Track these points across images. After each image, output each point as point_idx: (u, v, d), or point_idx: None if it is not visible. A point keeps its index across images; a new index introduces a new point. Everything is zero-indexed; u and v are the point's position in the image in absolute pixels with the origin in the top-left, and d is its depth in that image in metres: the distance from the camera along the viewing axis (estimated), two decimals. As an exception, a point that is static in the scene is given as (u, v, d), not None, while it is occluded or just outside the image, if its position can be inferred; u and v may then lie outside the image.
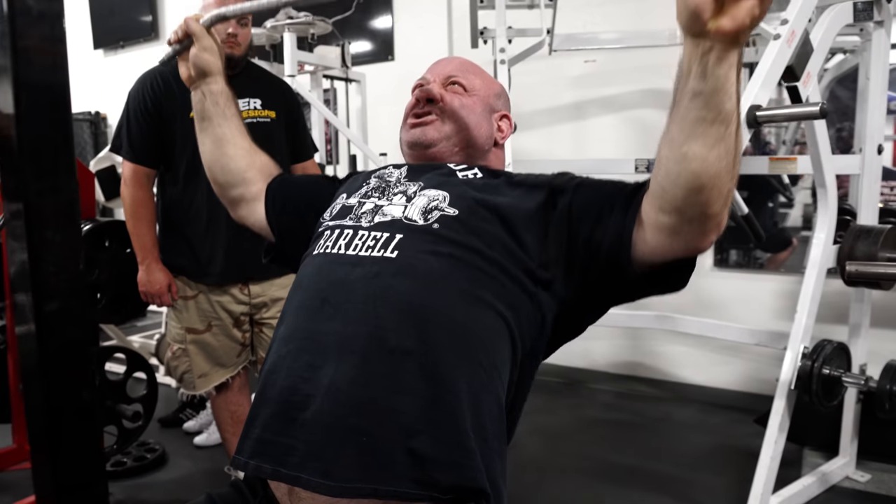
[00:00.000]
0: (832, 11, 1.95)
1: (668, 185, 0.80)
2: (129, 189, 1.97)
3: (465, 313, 0.88)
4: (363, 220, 0.98)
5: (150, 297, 2.01)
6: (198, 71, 1.16)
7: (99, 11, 5.40)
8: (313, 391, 0.84)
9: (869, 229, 2.02)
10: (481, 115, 1.11)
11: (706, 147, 0.75)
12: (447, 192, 0.97)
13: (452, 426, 0.82)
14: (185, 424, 2.81)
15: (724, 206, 0.80)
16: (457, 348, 0.86)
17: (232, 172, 1.19)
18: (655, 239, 0.85)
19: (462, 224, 0.93)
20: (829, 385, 1.94)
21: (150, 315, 4.51)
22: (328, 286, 0.93)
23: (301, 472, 0.81)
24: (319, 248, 1.00)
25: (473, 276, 0.90)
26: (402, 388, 0.83)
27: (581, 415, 2.99)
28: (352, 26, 4.11)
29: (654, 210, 0.83)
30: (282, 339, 0.94)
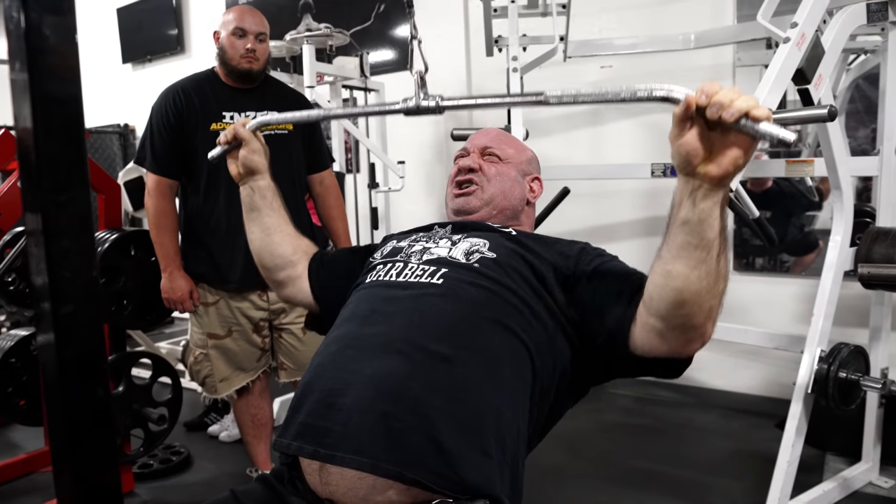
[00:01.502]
0: (844, 13, 1.94)
1: (656, 295, 0.89)
2: (153, 199, 2.05)
3: (496, 338, 0.99)
4: (413, 258, 1.12)
5: (173, 304, 2.08)
6: (246, 170, 1.25)
7: (127, 26, 5.55)
8: (355, 381, 0.94)
9: (887, 231, 2.00)
10: (514, 179, 1.27)
11: (689, 268, 0.84)
12: (487, 240, 1.11)
13: (478, 431, 0.90)
14: (209, 428, 2.88)
15: (706, 320, 0.88)
16: (487, 365, 0.96)
17: (280, 256, 1.29)
18: (644, 337, 0.94)
19: (499, 265, 1.06)
20: (845, 389, 1.93)
21: (178, 322, 4.61)
22: (378, 301, 1.06)
23: (336, 451, 0.90)
24: (371, 278, 1.13)
25: (505, 309, 1.01)
26: (438, 387, 0.92)
27: (601, 420, 2.99)
28: (371, 36, 4.17)
29: (645, 313, 0.93)
30: (331, 341, 1.05)
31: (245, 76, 2.05)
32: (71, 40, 0.62)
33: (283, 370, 2.19)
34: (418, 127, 4.05)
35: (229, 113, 2.03)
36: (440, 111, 1.02)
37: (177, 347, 3.69)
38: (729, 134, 0.77)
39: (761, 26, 2.00)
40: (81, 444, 0.63)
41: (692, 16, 3.09)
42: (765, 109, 0.75)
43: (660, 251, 0.89)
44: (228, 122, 2.02)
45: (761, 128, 0.74)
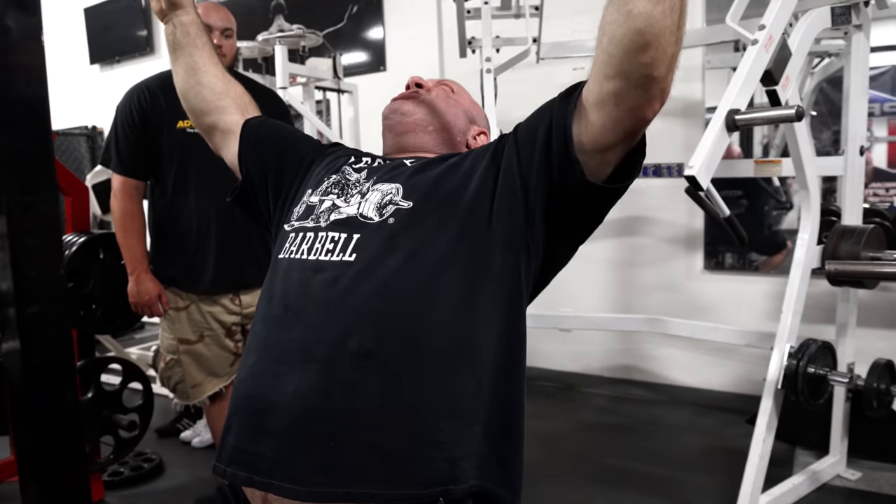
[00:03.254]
0: (810, 16, 1.98)
1: (613, 48, 0.81)
2: (119, 201, 2.01)
3: (426, 307, 0.89)
4: (321, 219, 1.00)
5: (141, 308, 2.04)
6: (168, 2, 1.17)
7: (95, 27, 5.44)
8: (278, 398, 0.87)
9: (852, 229, 2.04)
10: (460, 115, 1.17)
11: (650, 3, 0.78)
12: (400, 184, 1.00)
13: (418, 421, 0.84)
14: (181, 434, 2.83)
15: (668, 69, 0.81)
16: (418, 345, 0.88)
17: (206, 100, 1.20)
18: (600, 113, 0.85)
19: (416, 216, 0.95)
20: (814, 384, 1.97)
21: (149, 328, 4.53)
22: (290, 292, 0.96)
23: (272, 479, 0.84)
24: (284, 253, 1.02)
25: (432, 265, 0.91)
26: (365, 392, 0.85)
27: (576, 419, 3.01)
28: (344, 38, 4.15)
29: (597, 83, 0.85)
30: (249, 350, 0.98)
31: None
32: (37, 40, 0.61)
33: (240, 374, 2.17)
34: (392, 128, 4.03)
35: None
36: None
37: (147, 353, 3.63)
38: None
39: (730, 29, 2.04)
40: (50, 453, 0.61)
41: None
42: None
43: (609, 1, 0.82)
44: None
45: None
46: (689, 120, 3.23)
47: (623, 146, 0.89)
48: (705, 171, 1.65)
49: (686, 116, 3.23)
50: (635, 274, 3.45)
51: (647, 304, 3.38)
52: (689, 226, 3.29)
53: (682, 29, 0.81)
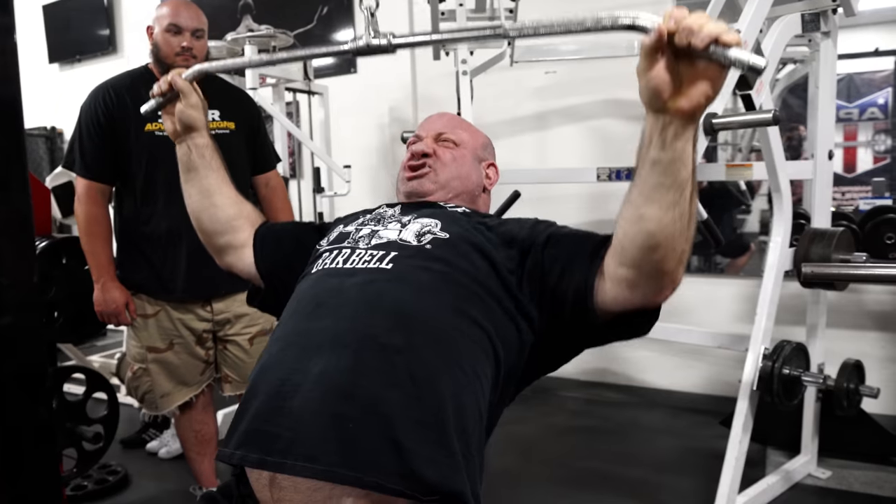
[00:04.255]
0: (782, 22, 2.02)
1: (627, 243, 0.86)
2: (83, 206, 1.93)
3: (451, 323, 0.93)
4: (361, 242, 1.05)
5: (107, 317, 1.96)
6: (184, 126, 1.18)
7: (54, 25, 5.28)
8: (302, 380, 0.87)
9: (823, 232, 2.08)
10: (471, 165, 1.22)
11: (662, 210, 0.82)
12: (439, 220, 1.05)
13: (437, 425, 0.85)
14: (148, 445, 2.75)
15: (678, 264, 0.86)
16: (443, 353, 0.90)
17: (220, 221, 1.21)
18: (615, 290, 0.90)
19: (452, 246, 1.00)
20: (789, 385, 1.99)
21: (111, 334, 4.40)
22: (323, 292, 0.99)
23: (286, 458, 0.83)
24: (317, 267, 1.06)
25: (460, 293, 0.96)
26: (391, 382, 0.86)
27: (551, 422, 3.00)
28: (314, 39, 4.09)
29: (614, 264, 0.90)
30: (275, 340, 0.98)
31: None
32: (9, 38, 0.57)
33: (227, 383, 2.10)
34: (364, 130, 4.00)
35: None
36: (392, 49, 0.94)
37: (111, 361, 3.51)
38: (698, 64, 0.75)
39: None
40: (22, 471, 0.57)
41: (634, 23, 3.16)
42: (735, 34, 0.72)
43: (629, 196, 0.86)
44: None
45: (731, 54, 0.71)
46: (660, 124, 3.26)
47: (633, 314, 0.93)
48: (684, 175, 1.66)
49: (657, 121, 3.26)
50: (608, 277, 3.47)
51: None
52: (660, 229, 3.32)
53: (691, 230, 0.85)
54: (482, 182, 1.24)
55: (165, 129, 1.19)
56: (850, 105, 3.00)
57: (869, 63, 2.98)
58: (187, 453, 2.16)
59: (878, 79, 2.97)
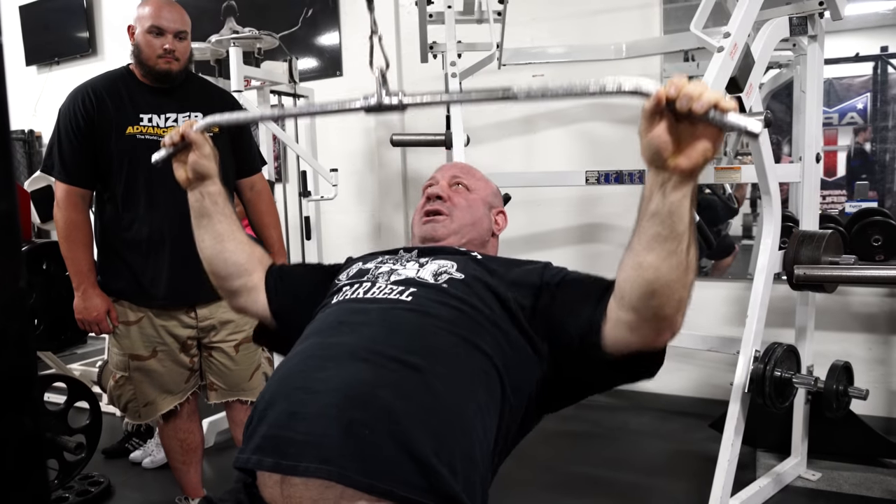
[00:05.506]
0: (770, 25, 2.02)
1: (627, 288, 0.91)
2: (63, 211, 1.87)
3: (465, 354, 0.97)
4: (380, 278, 1.10)
5: (88, 325, 1.91)
6: (196, 175, 1.19)
7: (31, 26, 5.18)
8: (321, 388, 0.90)
9: (811, 234, 2.09)
10: (482, 211, 1.28)
11: (660, 259, 0.86)
12: (455, 262, 1.11)
13: (451, 441, 0.88)
14: (131, 455, 2.69)
15: (676, 310, 0.90)
16: (459, 380, 0.94)
17: (234, 265, 1.24)
18: (616, 332, 0.94)
19: (467, 286, 1.05)
20: (780, 387, 1.99)
21: (91, 342, 4.31)
22: (346, 313, 1.04)
23: (300, 461, 0.85)
24: (338, 297, 1.10)
25: (474, 329, 1.00)
26: (408, 395, 0.89)
27: (540, 427, 2.93)
28: (299, 42, 4.06)
29: (615, 307, 0.94)
30: (295, 354, 1.02)
31: (163, 78, 1.89)
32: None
33: (212, 391, 2.05)
34: (349, 134, 3.97)
35: (147, 115, 1.87)
36: (402, 108, 0.97)
37: (92, 369, 3.44)
38: (697, 126, 0.79)
39: (687, 38, 2.07)
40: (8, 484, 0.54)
41: (621, 27, 3.16)
42: (732, 102, 0.76)
43: (630, 244, 0.90)
44: (146, 126, 1.87)
45: (729, 119, 0.75)
46: (647, 127, 3.26)
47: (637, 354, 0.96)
48: (677, 177, 1.65)
49: (644, 124, 3.27)
50: (596, 281, 3.47)
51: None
52: (648, 232, 3.32)
53: (689, 277, 0.88)
54: (492, 227, 1.30)
55: (177, 177, 1.20)
56: (830, 110, 3.03)
57: (848, 68, 3.02)
58: (172, 463, 2.11)
59: (857, 84, 3.00)
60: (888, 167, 2.94)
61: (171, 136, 1.16)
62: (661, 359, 0.98)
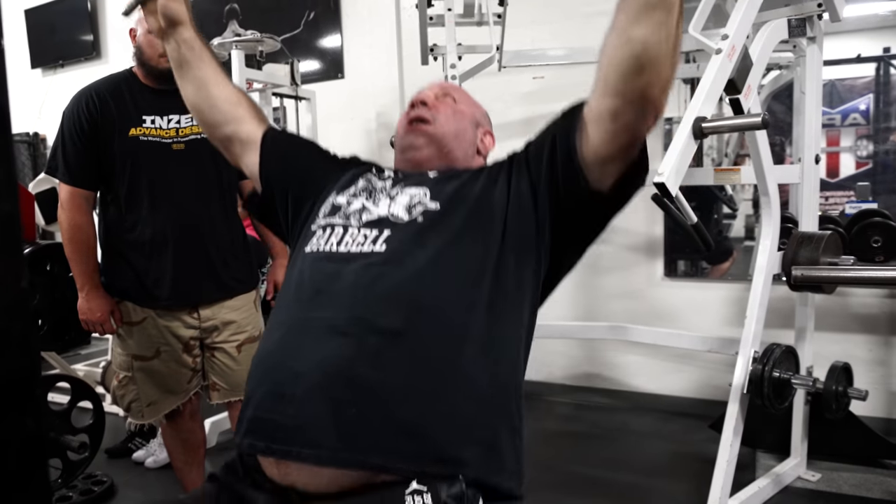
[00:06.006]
0: (769, 27, 2.03)
1: (612, 70, 0.88)
2: (67, 213, 1.89)
3: (450, 296, 0.94)
4: (352, 218, 1.05)
5: (92, 326, 1.93)
6: (168, 20, 1.16)
7: (37, 29, 5.22)
8: (303, 369, 0.89)
9: (810, 235, 2.09)
10: (468, 123, 1.22)
11: (648, 30, 0.84)
12: (428, 188, 1.06)
13: (439, 402, 0.87)
14: (134, 454, 2.71)
15: (662, 91, 0.88)
16: (443, 329, 0.92)
17: (221, 111, 1.21)
18: (598, 128, 0.92)
19: (444, 215, 1.01)
20: (779, 388, 2.00)
21: (95, 342, 4.34)
22: (322, 279, 0.99)
23: (291, 446, 0.86)
24: (312, 246, 1.06)
25: (458, 264, 0.97)
26: (391, 365, 0.88)
27: (540, 427, 2.99)
28: (301, 45, 4.08)
29: (597, 100, 0.92)
30: (277, 325, 1.00)
31: (165, 76, 1.91)
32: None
33: (215, 391, 2.07)
34: (351, 135, 3.99)
35: (150, 117, 1.89)
36: None
37: (95, 369, 3.46)
38: None
39: (688, 39, 2.06)
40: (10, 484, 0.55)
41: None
42: None
43: (614, 24, 0.88)
44: (149, 127, 1.89)
45: None
46: (648, 129, 3.27)
47: (621, 160, 0.95)
48: (674, 178, 1.66)
49: (644, 126, 3.28)
50: (597, 282, 3.48)
51: (608, 311, 3.40)
52: (648, 233, 3.33)
53: (676, 55, 0.87)
54: (476, 144, 1.23)
55: (150, 27, 1.18)
56: (832, 111, 3.04)
57: (851, 69, 3.02)
58: (175, 462, 2.13)
59: (860, 85, 3.00)
60: (890, 168, 2.95)
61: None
62: (645, 168, 0.96)
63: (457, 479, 0.84)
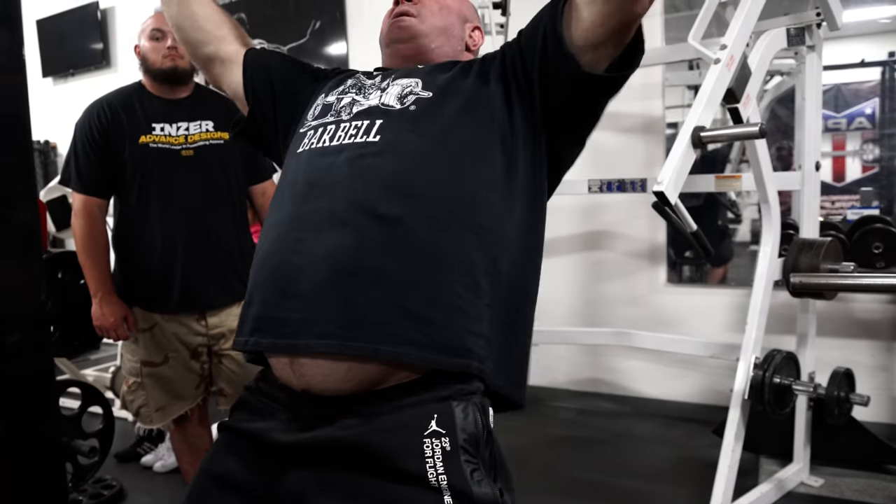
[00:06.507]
0: (767, 37, 2.05)
1: None
2: (80, 221, 1.94)
3: (448, 180, 0.93)
4: (343, 113, 1.02)
5: (105, 331, 1.97)
6: None
7: (48, 39, 5.30)
8: (306, 261, 0.88)
9: (811, 242, 2.11)
10: (455, 18, 1.17)
11: None
12: (419, 78, 1.03)
13: (443, 287, 0.87)
14: (142, 459, 2.74)
15: None
16: (442, 215, 0.91)
17: (203, 29, 1.18)
18: (590, 10, 0.89)
19: (437, 104, 0.98)
20: (780, 393, 2.01)
21: (104, 347, 4.38)
22: (315, 172, 0.97)
23: (298, 339, 0.86)
24: (304, 146, 1.03)
25: (453, 147, 0.95)
26: (394, 252, 0.87)
27: (544, 433, 3.01)
28: (307, 53, 4.13)
29: None
30: (272, 226, 0.97)
31: (170, 75, 1.96)
32: (18, 55, 0.59)
33: (223, 396, 2.10)
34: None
35: (159, 124, 1.94)
36: None
37: (105, 374, 3.50)
38: None
39: (689, 48, 2.09)
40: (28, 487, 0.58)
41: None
42: None
43: None
44: (159, 135, 1.94)
45: None
46: (650, 136, 3.30)
47: (614, 42, 0.92)
48: (673, 187, 1.69)
49: (647, 132, 3.30)
50: (600, 288, 3.50)
51: (612, 317, 3.42)
52: (651, 240, 3.35)
53: None
54: (465, 38, 1.19)
55: None
56: (838, 115, 3.04)
57: (856, 73, 3.02)
58: (182, 466, 2.16)
59: (865, 89, 3.01)
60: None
61: None
62: (641, 45, 0.94)
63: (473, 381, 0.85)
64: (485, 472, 0.84)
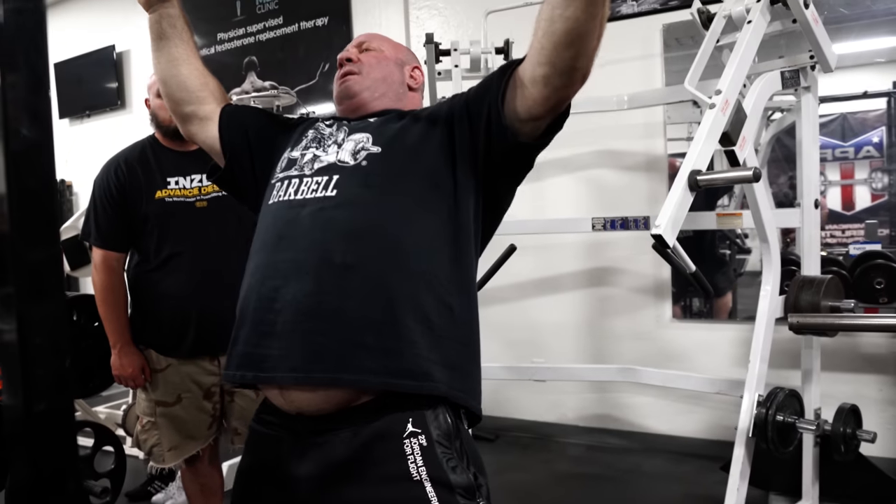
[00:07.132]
0: (762, 80, 2.11)
1: (545, 41, 0.99)
2: (100, 274, 2.02)
3: (395, 231, 1.08)
4: (306, 168, 1.18)
5: (124, 381, 2.05)
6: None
7: (65, 80, 5.45)
8: (280, 307, 1.05)
9: (811, 280, 2.14)
10: (392, 66, 1.32)
11: (578, 10, 0.94)
12: (370, 133, 1.18)
13: (394, 323, 1.02)
14: (153, 498, 2.76)
15: (588, 61, 1.00)
16: (391, 260, 1.06)
17: (187, 90, 1.30)
18: (532, 90, 1.03)
19: (384, 158, 1.14)
20: (783, 431, 2.02)
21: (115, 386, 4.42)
22: (283, 225, 1.13)
23: (275, 373, 1.04)
24: (274, 198, 1.19)
25: (399, 199, 1.11)
26: (348, 295, 1.03)
27: (552, 469, 3.01)
28: (317, 92, 4.24)
29: (531, 65, 1.03)
30: (253, 270, 1.14)
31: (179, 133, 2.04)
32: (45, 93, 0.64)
33: (237, 435, 2.14)
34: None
35: (174, 178, 2.03)
36: None
37: (116, 412, 3.54)
38: None
39: (684, 91, 2.15)
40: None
41: (623, 78, 3.25)
42: None
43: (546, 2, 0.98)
44: (174, 189, 2.01)
45: None
46: (653, 174, 3.35)
47: (551, 115, 1.06)
48: (671, 230, 1.73)
49: (650, 170, 3.35)
50: (606, 323, 3.52)
51: (618, 352, 3.44)
52: (656, 276, 3.38)
53: (601, 30, 0.98)
54: (405, 81, 1.33)
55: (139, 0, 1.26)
56: (845, 144, 3.04)
57: (862, 103, 3.01)
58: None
59: (872, 118, 3.00)
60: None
61: None
62: (566, 113, 1.08)
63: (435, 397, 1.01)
64: (458, 459, 1.01)
